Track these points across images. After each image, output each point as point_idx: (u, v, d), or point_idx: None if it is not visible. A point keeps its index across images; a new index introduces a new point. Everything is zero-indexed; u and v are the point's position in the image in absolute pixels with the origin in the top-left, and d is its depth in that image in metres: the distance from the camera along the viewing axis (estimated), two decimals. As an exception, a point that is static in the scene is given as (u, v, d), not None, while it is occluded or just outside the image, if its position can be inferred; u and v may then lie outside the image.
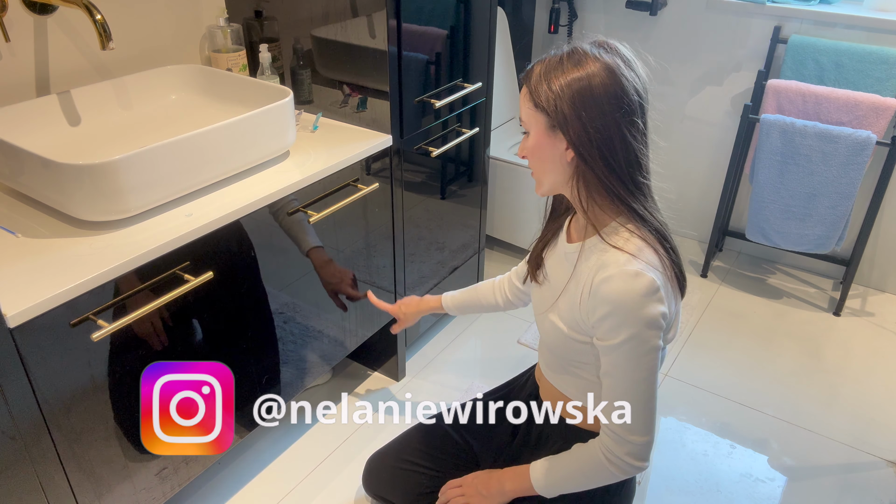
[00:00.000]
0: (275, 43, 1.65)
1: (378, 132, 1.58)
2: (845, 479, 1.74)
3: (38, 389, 1.03)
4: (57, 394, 1.06)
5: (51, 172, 1.10)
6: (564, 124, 0.96)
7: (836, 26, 2.23)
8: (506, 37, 2.55)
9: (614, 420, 1.02)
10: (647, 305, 0.95)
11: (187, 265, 1.19)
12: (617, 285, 0.95)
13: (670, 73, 2.54)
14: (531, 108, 0.99)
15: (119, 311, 1.10)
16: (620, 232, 1.00)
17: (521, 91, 1.02)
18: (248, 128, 1.30)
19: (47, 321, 1.00)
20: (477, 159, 2.01)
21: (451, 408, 1.38)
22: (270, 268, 1.39)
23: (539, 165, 1.03)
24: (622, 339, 0.97)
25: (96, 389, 1.13)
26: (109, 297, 1.08)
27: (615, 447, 1.03)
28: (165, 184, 1.19)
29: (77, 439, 1.12)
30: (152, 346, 1.20)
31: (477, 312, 1.44)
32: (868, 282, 2.51)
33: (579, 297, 1.02)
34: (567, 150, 0.98)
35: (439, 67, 1.70)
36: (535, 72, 0.98)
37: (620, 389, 1.01)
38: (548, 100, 0.95)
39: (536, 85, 0.97)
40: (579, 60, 0.95)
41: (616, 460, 1.03)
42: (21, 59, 1.36)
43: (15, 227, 1.16)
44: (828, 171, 2.10)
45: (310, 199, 1.41)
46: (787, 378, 2.07)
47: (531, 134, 1.01)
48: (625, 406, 1.01)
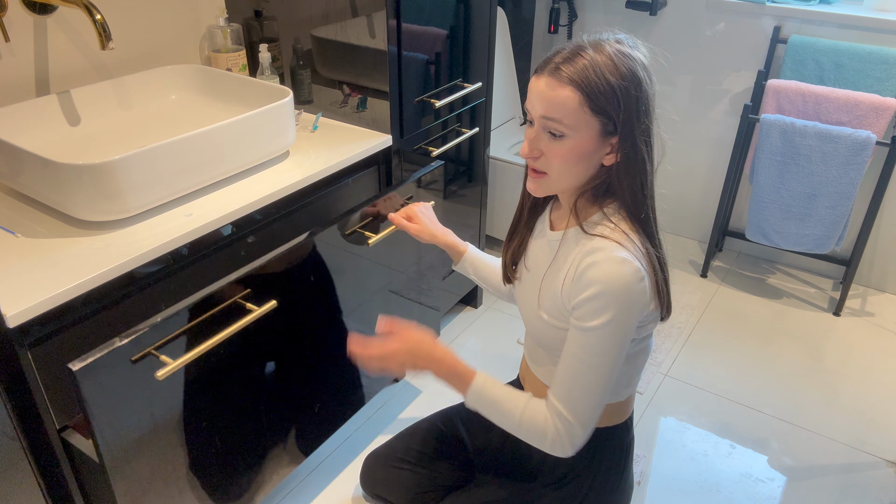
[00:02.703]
0: (274, 43, 1.65)
1: (378, 132, 1.58)
2: (845, 479, 1.74)
3: (100, 435, 0.99)
4: (119, 440, 1.03)
5: (50, 172, 1.10)
6: (625, 131, 0.92)
7: (836, 26, 2.23)
8: (506, 37, 2.55)
9: (568, 403, 0.99)
10: (634, 291, 0.94)
11: (248, 293, 1.15)
12: (606, 268, 0.93)
13: (670, 73, 2.54)
14: (586, 113, 0.91)
15: (182, 344, 1.06)
16: (605, 222, 0.99)
17: (555, 90, 0.92)
18: (248, 128, 1.30)
19: (109, 360, 0.95)
20: (477, 159, 2.01)
21: (449, 408, 1.38)
22: (332, 291, 1.36)
23: (566, 169, 0.96)
24: (604, 321, 0.94)
25: (161, 432, 1.09)
26: (171, 331, 1.04)
27: (561, 425, 0.99)
28: (165, 184, 1.19)
29: (146, 490, 1.08)
30: (218, 382, 1.16)
31: (481, 284, 1.35)
32: (868, 282, 2.51)
33: (560, 283, 1.01)
34: (608, 155, 0.96)
35: (439, 67, 1.70)
36: (588, 74, 0.90)
37: (581, 373, 0.97)
38: (610, 104, 0.91)
39: (595, 88, 0.90)
40: (629, 63, 0.92)
41: (558, 437, 0.99)
42: (21, 59, 1.36)
43: (15, 227, 1.16)
44: (828, 171, 2.10)
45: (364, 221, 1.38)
46: (787, 378, 2.07)
47: (573, 138, 0.93)
48: (581, 392, 0.98)
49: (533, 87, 0.95)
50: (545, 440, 1.00)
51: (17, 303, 0.97)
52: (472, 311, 2.32)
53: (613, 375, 0.98)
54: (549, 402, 1.01)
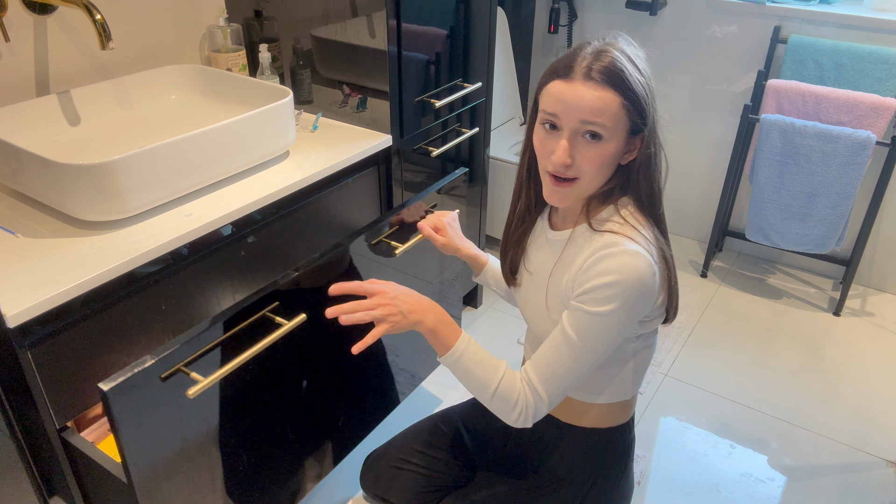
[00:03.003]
0: (274, 43, 1.65)
1: (378, 132, 1.58)
2: (845, 479, 1.74)
3: (130, 455, 0.97)
4: (148, 459, 1.00)
5: (50, 172, 1.10)
6: (651, 129, 0.93)
7: (836, 26, 2.23)
8: (506, 37, 2.55)
9: (546, 381, 0.98)
10: (647, 283, 0.93)
11: (276, 307, 1.13)
12: (621, 260, 0.93)
13: (670, 73, 2.54)
14: (625, 113, 0.91)
15: (211, 360, 1.04)
16: (615, 218, 0.99)
17: (597, 92, 0.90)
18: (248, 128, 1.30)
19: (138, 379, 0.93)
20: (477, 159, 2.01)
21: (449, 408, 1.38)
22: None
23: (598, 172, 0.95)
24: (612, 308, 0.93)
25: (189, 450, 1.07)
26: (200, 346, 1.02)
27: (532, 399, 0.99)
28: (165, 184, 1.19)
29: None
30: (247, 397, 1.14)
31: (500, 293, 1.33)
32: (868, 282, 2.51)
33: (565, 279, 1.01)
34: (627, 154, 0.96)
35: (439, 67, 1.70)
36: (624, 75, 0.90)
37: (569, 354, 0.97)
38: (644, 103, 0.91)
39: (632, 88, 0.90)
40: (642, 61, 0.94)
41: (525, 411, 0.99)
42: (21, 59, 1.36)
43: (15, 227, 1.16)
44: (828, 171, 2.10)
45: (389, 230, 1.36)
46: (787, 378, 2.07)
47: (610, 141, 0.92)
48: (562, 372, 0.97)
49: (563, 91, 0.92)
50: (511, 413, 0.99)
51: (17, 303, 0.97)
52: (472, 311, 2.32)
53: (597, 363, 0.98)
54: (526, 375, 1.00)
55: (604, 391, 1.10)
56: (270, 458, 1.26)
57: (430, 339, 1.02)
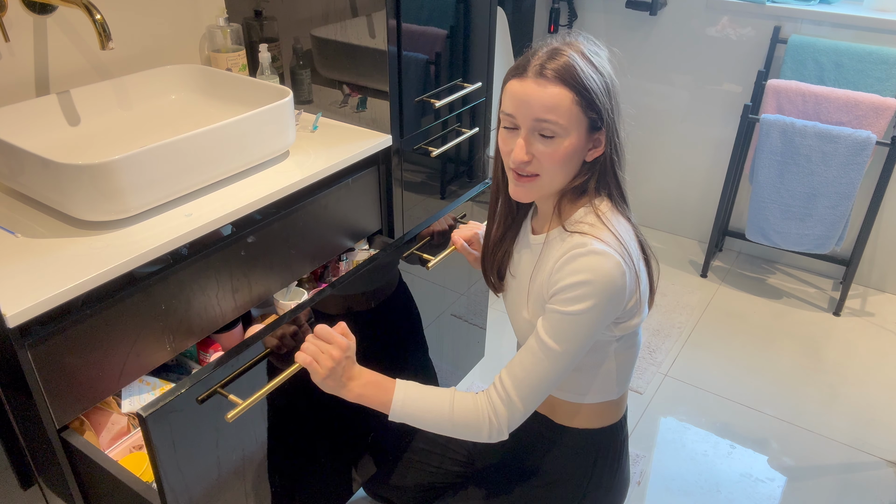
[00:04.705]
0: (274, 43, 1.65)
1: (378, 132, 1.58)
2: (845, 479, 1.74)
3: (167, 481, 0.95)
4: (184, 483, 0.98)
5: (50, 172, 1.10)
6: (609, 124, 0.94)
7: (836, 26, 2.23)
8: (506, 37, 2.55)
9: (521, 388, 0.98)
10: (616, 283, 0.94)
11: (311, 321, 1.11)
12: (590, 260, 0.93)
13: (670, 73, 2.54)
14: (578, 110, 0.92)
15: (247, 381, 1.01)
16: (587, 218, 0.99)
17: (547, 89, 0.92)
18: (248, 127, 1.30)
19: (176, 404, 0.92)
20: (477, 159, 2.01)
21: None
22: (393, 316, 1.33)
23: (558, 169, 0.96)
24: (585, 307, 0.93)
25: (225, 473, 1.05)
26: (236, 367, 0.99)
27: (502, 409, 0.98)
28: (165, 184, 1.19)
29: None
30: (281, 417, 1.12)
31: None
32: (868, 282, 2.51)
33: (539, 281, 1.01)
34: (591, 151, 0.97)
35: (439, 67, 1.70)
36: (575, 72, 0.91)
37: (543, 359, 0.96)
38: (598, 99, 0.92)
39: (584, 84, 0.91)
40: (601, 59, 0.95)
41: (496, 425, 0.98)
42: (21, 59, 1.36)
43: (15, 227, 1.16)
44: (828, 171, 2.10)
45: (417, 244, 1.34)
46: (787, 378, 2.07)
47: (565, 137, 0.93)
48: (537, 378, 0.97)
49: (517, 90, 0.94)
50: (481, 433, 0.99)
51: (17, 303, 0.96)
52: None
53: (571, 366, 0.98)
54: (500, 382, 0.99)
55: (588, 392, 1.11)
56: (300, 478, 1.25)
57: (366, 403, 1.02)
